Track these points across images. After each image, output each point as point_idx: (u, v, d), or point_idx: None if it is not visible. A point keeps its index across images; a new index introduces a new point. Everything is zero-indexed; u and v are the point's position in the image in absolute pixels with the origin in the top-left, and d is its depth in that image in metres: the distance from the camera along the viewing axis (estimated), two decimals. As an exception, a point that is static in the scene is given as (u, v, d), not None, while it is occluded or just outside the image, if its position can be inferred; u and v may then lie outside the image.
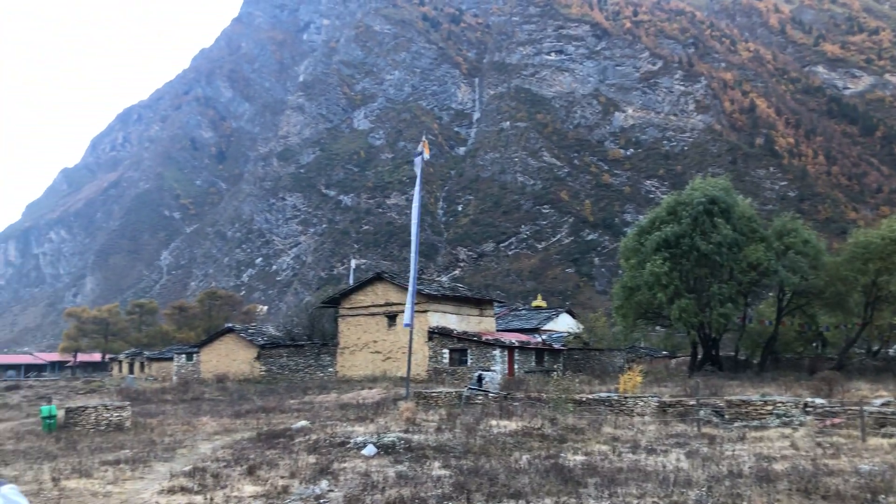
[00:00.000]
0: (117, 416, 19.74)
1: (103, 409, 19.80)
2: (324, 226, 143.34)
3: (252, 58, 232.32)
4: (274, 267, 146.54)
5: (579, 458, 12.63)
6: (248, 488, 10.60)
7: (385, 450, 13.55)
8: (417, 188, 24.94)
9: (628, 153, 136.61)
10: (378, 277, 41.92)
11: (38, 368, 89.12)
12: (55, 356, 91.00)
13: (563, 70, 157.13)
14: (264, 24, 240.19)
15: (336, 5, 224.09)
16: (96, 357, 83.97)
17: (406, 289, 38.14)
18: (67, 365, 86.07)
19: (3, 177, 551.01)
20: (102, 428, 19.25)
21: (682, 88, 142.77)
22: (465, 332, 38.99)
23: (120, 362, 67.85)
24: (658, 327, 46.06)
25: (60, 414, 20.40)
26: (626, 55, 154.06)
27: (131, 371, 62.76)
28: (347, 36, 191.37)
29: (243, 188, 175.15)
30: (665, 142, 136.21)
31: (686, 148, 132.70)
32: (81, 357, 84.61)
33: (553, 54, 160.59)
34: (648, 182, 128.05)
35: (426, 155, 25.36)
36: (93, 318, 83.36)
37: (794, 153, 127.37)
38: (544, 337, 47.55)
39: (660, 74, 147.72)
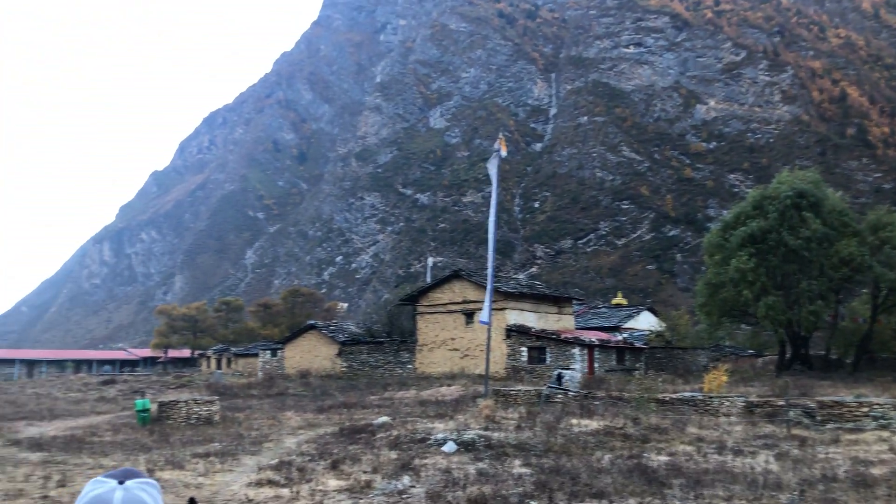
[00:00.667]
0: (207, 411, 20.45)
1: (193, 403, 20.55)
2: (401, 224, 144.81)
3: (331, 60, 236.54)
4: (353, 265, 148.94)
5: (663, 458, 12.39)
6: (333, 482, 10.82)
7: (465, 447, 13.60)
8: (494, 185, 24.89)
9: (711, 146, 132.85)
10: (455, 275, 42.10)
11: (132, 364, 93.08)
12: (147, 352, 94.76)
13: (642, 63, 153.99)
14: (342, 27, 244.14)
15: (412, 5, 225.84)
16: (186, 353, 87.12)
17: (483, 286, 38.22)
18: (159, 360, 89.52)
19: (98, 180, 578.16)
20: (193, 421, 19.98)
21: (767, 79, 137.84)
22: (543, 330, 38.74)
23: (208, 358, 70.29)
24: (744, 325, 44.74)
25: (154, 408, 21.25)
26: (708, 46, 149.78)
27: (219, 366, 64.86)
28: (423, 35, 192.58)
29: (323, 188, 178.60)
30: (749, 134, 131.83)
31: (772, 140, 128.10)
32: (172, 353, 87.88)
33: (632, 47, 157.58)
34: (732, 176, 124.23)
35: (503, 152, 25.29)
36: (182, 315, 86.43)
37: (890, 143, 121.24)
38: (625, 335, 46.78)
39: (743, 65, 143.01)
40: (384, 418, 18.70)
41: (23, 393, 39.18)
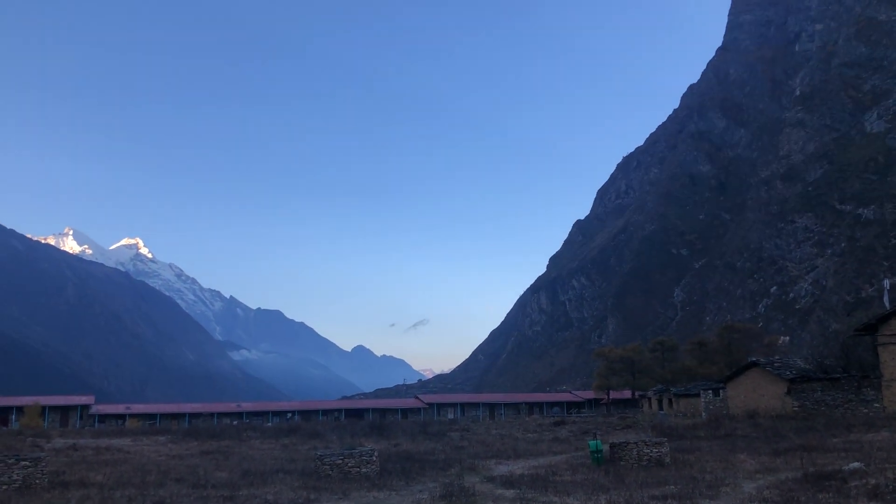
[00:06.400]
0: (657, 452, 20.61)
1: (643, 444, 20.88)
2: (842, 245, 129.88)
3: (742, 82, 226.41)
4: (791, 295, 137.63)
5: None
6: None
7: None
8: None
9: None
10: (923, 297, 36.30)
11: (578, 405, 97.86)
12: (590, 394, 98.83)
13: None
14: (750, 46, 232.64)
15: (829, 6, 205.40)
16: (626, 394, 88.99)
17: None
18: (602, 402, 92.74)
19: (531, 236, 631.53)
20: (644, 463, 20.27)
21: None
22: None
23: (648, 399, 70.83)
24: None
25: (605, 448, 22.10)
26: None
27: (660, 407, 64.84)
28: (846, 35, 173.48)
29: (748, 216, 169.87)
30: None
31: None
32: (613, 394, 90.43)
33: None
34: None
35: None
36: (619, 356, 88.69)
37: None
38: None
39: None
40: (856, 464, 16.81)
41: (489, 433, 43.87)
